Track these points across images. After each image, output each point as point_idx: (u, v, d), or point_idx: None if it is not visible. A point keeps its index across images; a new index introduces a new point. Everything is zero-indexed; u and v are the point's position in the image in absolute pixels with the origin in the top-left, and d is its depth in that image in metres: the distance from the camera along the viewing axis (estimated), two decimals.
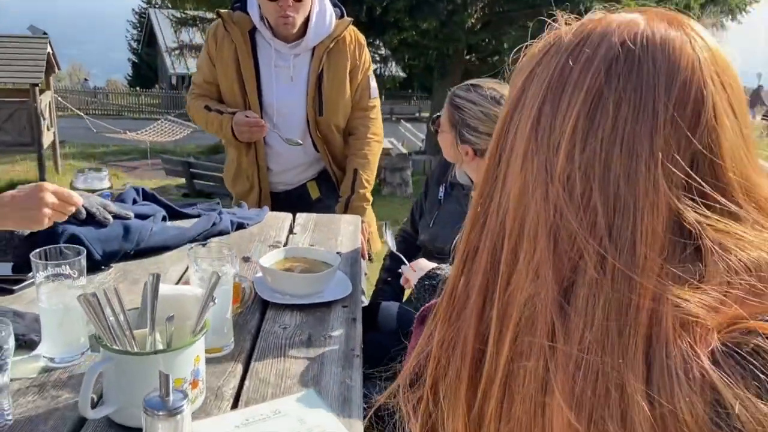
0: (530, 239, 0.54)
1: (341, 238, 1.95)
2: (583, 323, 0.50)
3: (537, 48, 0.60)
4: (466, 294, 0.60)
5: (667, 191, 0.50)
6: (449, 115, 1.67)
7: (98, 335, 1.00)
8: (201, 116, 2.33)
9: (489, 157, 0.61)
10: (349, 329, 1.37)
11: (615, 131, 0.51)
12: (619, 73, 0.52)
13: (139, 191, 1.97)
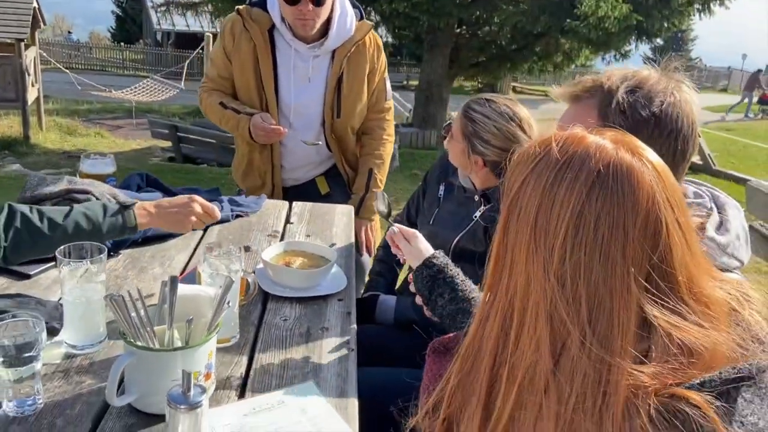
0: (533, 319, 0.72)
1: (335, 229, 2.06)
2: (569, 388, 0.69)
3: (527, 153, 0.78)
4: (480, 351, 0.79)
5: (636, 291, 0.68)
6: (462, 126, 1.72)
7: (122, 331, 1.11)
8: (215, 112, 2.33)
9: (497, 241, 0.79)
10: (344, 323, 1.49)
11: (595, 242, 0.69)
12: (596, 196, 0.70)
13: (143, 177, 2.06)
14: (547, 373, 0.70)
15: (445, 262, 1.40)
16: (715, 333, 0.70)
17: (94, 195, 1.70)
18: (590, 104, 1.20)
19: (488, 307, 0.79)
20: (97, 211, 1.43)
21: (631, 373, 0.66)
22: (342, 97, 2.29)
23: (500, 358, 0.76)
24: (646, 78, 1.18)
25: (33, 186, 1.70)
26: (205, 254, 1.41)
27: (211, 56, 2.40)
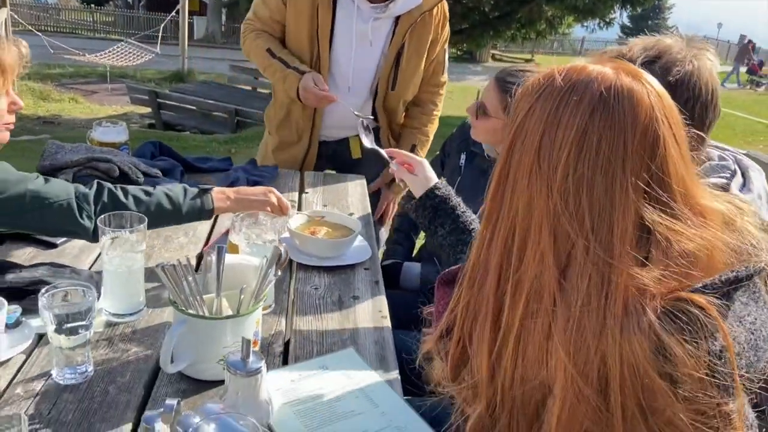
0: (536, 234, 0.78)
1: (351, 199, 2.08)
2: (575, 293, 0.75)
3: (532, 85, 0.83)
4: (486, 270, 0.84)
5: (634, 199, 0.74)
6: (501, 101, 1.67)
7: (173, 300, 1.12)
8: (260, 57, 2.19)
9: (499, 167, 0.85)
10: (373, 291, 1.52)
11: (597, 157, 0.75)
12: (599, 116, 0.76)
13: (156, 145, 2.04)
14: (553, 281, 0.76)
15: (447, 193, 1.40)
16: (712, 238, 0.76)
17: (115, 163, 1.68)
18: None
19: (491, 228, 0.84)
20: (178, 192, 1.44)
21: (631, 274, 0.73)
22: (400, 70, 2.17)
23: (505, 275, 0.81)
24: (667, 47, 1.22)
25: (51, 154, 1.68)
26: (239, 224, 1.42)
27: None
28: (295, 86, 2.08)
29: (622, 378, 0.72)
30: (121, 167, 1.69)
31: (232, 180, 1.94)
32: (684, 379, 0.70)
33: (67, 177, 1.62)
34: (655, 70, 1.17)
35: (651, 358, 0.70)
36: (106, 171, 1.67)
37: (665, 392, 0.71)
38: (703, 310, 0.71)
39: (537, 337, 0.78)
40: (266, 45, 2.17)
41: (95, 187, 1.37)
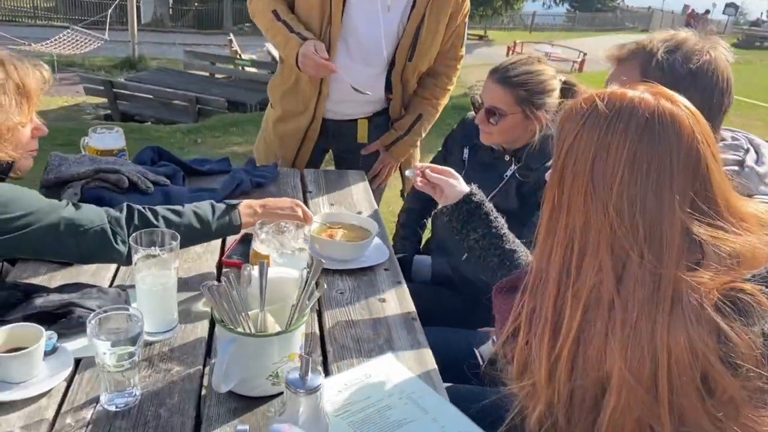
0: (594, 248, 0.87)
1: (356, 197, 2.08)
2: (632, 299, 0.84)
3: (575, 110, 0.91)
4: (546, 281, 0.94)
5: (681, 215, 0.84)
6: (511, 97, 1.70)
7: (221, 318, 1.12)
8: (264, 20, 2.11)
9: (552, 188, 0.94)
10: (398, 292, 1.53)
11: (648, 178, 0.84)
12: (647, 140, 0.85)
13: (155, 150, 2.00)
14: (611, 289, 0.86)
15: (482, 199, 1.44)
16: (754, 239, 0.87)
17: (123, 174, 1.64)
18: (633, 64, 1.33)
19: (550, 242, 0.93)
20: (206, 210, 1.43)
21: (680, 278, 0.83)
22: (419, 41, 2.10)
23: (564, 285, 0.90)
24: (685, 39, 1.31)
25: (55, 167, 1.63)
26: (266, 233, 1.41)
27: None
28: (295, 52, 2.01)
29: (670, 371, 0.82)
30: (130, 177, 1.64)
31: (237, 183, 1.92)
32: (742, 357, 0.80)
33: (75, 190, 1.57)
34: (677, 58, 1.28)
35: (712, 345, 0.81)
36: (116, 183, 1.62)
37: (724, 375, 0.80)
38: (754, 297, 0.81)
39: (595, 341, 0.88)
40: (272, 6, 2.09)
41: (125, 211, 1.35)
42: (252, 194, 1.98)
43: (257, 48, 18.20)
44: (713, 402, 0.82)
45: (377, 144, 2.36)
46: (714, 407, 0.82)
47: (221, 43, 19.03)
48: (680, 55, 1.28)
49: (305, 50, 1.97)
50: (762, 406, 0.81)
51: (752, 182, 1.26)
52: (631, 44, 1.37)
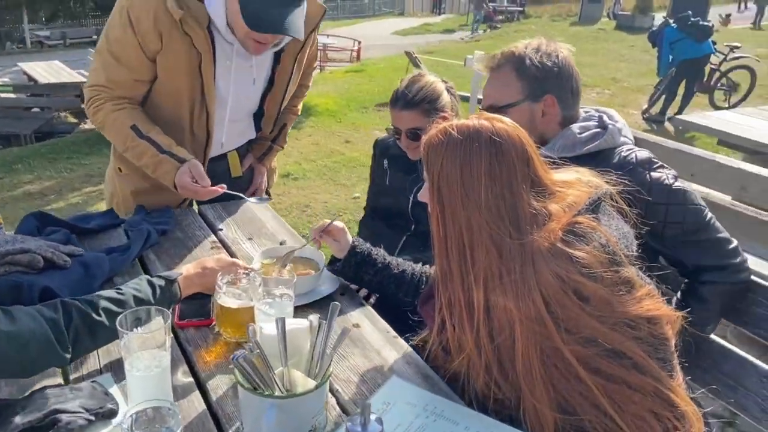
0: (479, 237, 1.14)
1: (269, 225, 2.02)
2: (512, 264, 1.12)
3: (436, 140, 1.19)
4: (450, 272, 1.19)
5: (527, 198, 1.15)
6: (420, 113, 1.94)
7: (254, 386, 1.06)
8: (122, 135, 1.86)
9: (433, 200, 1.20)
10: (366, 313, 1.55)
11: (502, 178, 1.14)
12: (495, 152, 1.15)
13: (37, 216, 1.75)
14: (498, 264, 1.13)
15: (365, 248, 1.64)
16: (573, 190, 1.20)
17: (35, 252, 1.43)
18: (507, 68, 1.63)
19: (444, 243, 1.19)
20: (147, 292, 1.34)
21: (536, 239, 1.11)
22: (287, 91, 2.12)
23: (465, 273, 1.16)
24: (540, 43, 1.64)
25: None
26: (234, 286, 1.35)
27: (114, 53, 1.83)
28: (172, 176, 1.83)
29: (546, 301, 1.09)
30: (44, 255, 1.43)
31: (145, 236, 1.76)
32: (593, 266, 1.10)
33: None
34: (543, 55, 1.60)
35: (570, 267, 1.09)
36: (29, 264, 1.40)
37: (588, 284, 1.09)
38: (585, 223, 1.14)
39: (498, 304, 1.14)
40: (130, 120, 1.86)
41: (61, 310, 1.20)
42: (162, 244, 1.84)
43: (4, 69, 16.08)
44: (591, 307, 1.10)
45: (249, 158, 2.32)
46: (593, 309, 1.10)
47: None
48: (544, 54, 1.60)
49: (183, 183, 1.82)
50: (624, 294, 1.12)
51: (615, 136, 1.59)
52: (498, 53, 1.66)
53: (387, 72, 12.52)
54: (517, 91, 1.61)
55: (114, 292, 1.31)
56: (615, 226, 1.24)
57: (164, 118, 1.94)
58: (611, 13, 22.84)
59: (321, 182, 6.28)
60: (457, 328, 1.20)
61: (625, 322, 1.12)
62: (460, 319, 1.19)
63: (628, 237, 1.26)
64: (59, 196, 6.02)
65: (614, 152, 1.56)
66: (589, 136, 1.58)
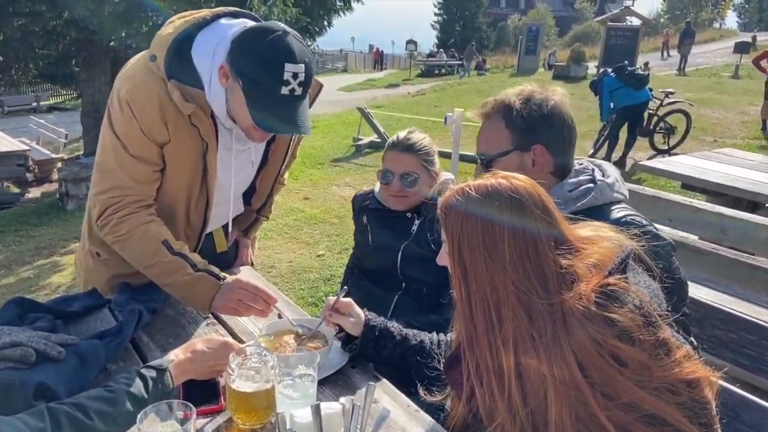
0: (505, 300, 1.10)
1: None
2: (542, 325, 1.08)
3: (453, 201, 1.16)
4: (477, 337, 1.14)
5: (552, 255, 1.12)
6: (417, 160, 1.98)
7: None
8: (149, 250, 1.71)
9: (454, 264, 1.16)
10: (383, 387, 1.47)
11: (525, 237, 1.11)
12: (516, 210, 1.12)
13: (18, 303, 1.63)
14: (527, 326, 1.09)
15: (379, 322, 1.60)
16: (597, 248, 1.16)
17: (24, 345, 1.32)
18: (497, 117, 1.63)
19: (468, 307, 1.15)
20: (139, 387, 1.25)
21: (565, 299, 1.07)
22: (282, 167, 2.07)
23: (492, 336, 1.12)
24: (532, 90, 1.62)
25: None
26: (252, 368, 1.27)
27: (128, 148, 1.70)
28: (211, 295, 1.68)
29: (581, 365, 1.05)
30: (36, 347, 1.32)
31: (137, 317, 1.66)
32: (630, 330, 1.05)
33: None
34: (533, 105, 1.58)
35: (607, 331, 1.05)
36: (21, 359, 1.28)
37: (626, 348, 1.05)
38: (617, 284, 1.10)
39: (531, 368, 1.09)
40: (161, 235, 1.72)
41: (48, 418, 1.10)
42: (154, 324, 1.74)
43: None
44: (629, 371, 1.05)
45: (234, 232, 2.24)
46: (632, 374, 1.05)
47: None
48: (534, 103, 1.58)
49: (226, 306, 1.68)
50: (662, 357, 1.07)
51: (606, 192, 1.57)
52: (490, 101, 1.64)
53: (338, 127, 12.65)
54: (506, 141, 1.60)
55: (104, 390, 1.22)
56: (644, 284, 1.20)
57: (158, 210, 1.81)
58: (546, 64, 23.93)
59: (283, 241, 6.19)
60: (488, 396, 1.15)
61: (665, 387, 1.07)
62: (490, 386, 1.14)
63: (659, 295, 1.23)
64: (9, 271, 5.72)
65: (608, 210, 1.54)
66: (580, 193, 1.56)
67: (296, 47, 1.57)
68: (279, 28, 1.58)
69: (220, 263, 1.96)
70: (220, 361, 1.38)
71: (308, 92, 1.65)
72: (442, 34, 44.64)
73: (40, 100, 22.13)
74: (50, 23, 8.25)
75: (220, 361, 1.38)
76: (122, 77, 1.72)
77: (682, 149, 8.96)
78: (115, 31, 8.50)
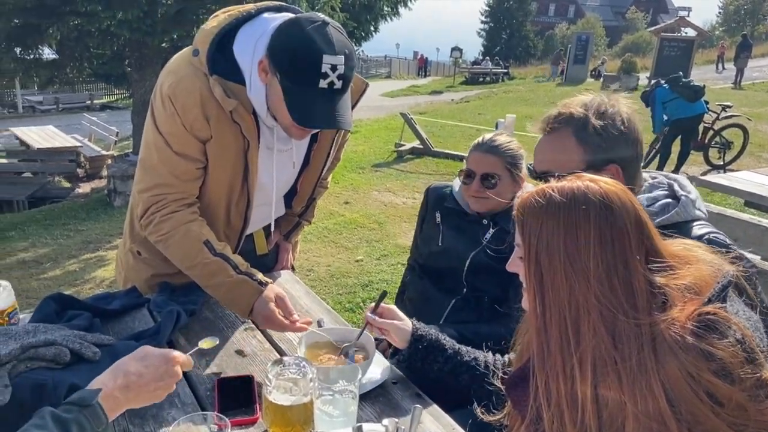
0: (585, 315, 0.98)
1: (303, 302, 1.89)
2: (628, 349, 0.95)
3: (532, 203, 1.03)
4: (549, 354, 1.01)
5: (642, 271, 0.99)
6: (501, 162, 1.93)
7: None
8: (192, 251, 1.66)
9: (529, 271, 1.03)
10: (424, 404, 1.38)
11: (614, 248, 0.98)
12: (606, 216, 0.99)
13: (55, 299, 1.61)
14: (610, 347, 0.96)
15: (427, 331, 1.51)
16: (693, 269, 1.03)
17: (59, 344, 1.28)
18: (565, 132, 1.46)
19: (542, 320, 1.02)
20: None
21: (656, 322, 0.96)
22: (324, 169, 2.00)
23: (567, 354, 0.99)
24: (601, 103, 1.47)
25: None
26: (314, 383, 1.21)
27: (173, 146, 1.66)
28: (252, 300, 1.62)
29: (669, 400, 0.93)
30: (71, 347, 1.29)
31: (175, 318, 1.62)
32: (731, 367, 0.93)
33: (4, 381, 1.18)
34: (608, 121, 1.43)
35: (703, 365, 0.93)
36: (55, 358, 1.25)
37: (723, 386, 0.92)
38: (718, 314, 0.96)
39: (611, 394, 0.97)
40: (203, 235, 1.68)
41: None
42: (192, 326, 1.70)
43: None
44: (726, 411, 0.93)
45: (276, 235, 2.19)
46: (728, 415, 0.93)
47: None
48: (608, 117, 1.43)
49: (266, 313, 1.59)
50: (763, 399, 0.94)
51: (688, 209, 1.44)
52: (553, 113, 1.49)
53: (381, 132, 12.61)
54: (577, 159, 1.44)
55: None
56: (744, 315, 1.06)
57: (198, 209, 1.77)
58: (596, 73, 23.48)
59: (322, 245, 6.16)
60: (556, 420, 1.02)
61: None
62: (560, 409, 1.02)
63: (759, 328, 1.08)
64: (55, 263, 5.85)
65: (689, 227, 1.42)
66: (658, 208, 1.44)
67: (335, 38, 1.49)
68: (318, 18, 1.51)
69: (260, 266, 1.91)
70: (163, 381, 1.11)
71: (349, 86, 1.57)
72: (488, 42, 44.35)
73: (94, 98, 22.84)
74: (105, 23, 8.43)
75: (162, 382, 1.11)
76: (165, 72, 1.69)
77: (738, 165, 8.63)
78: (167, 32, 8.66)
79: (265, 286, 1.65)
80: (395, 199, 7.67)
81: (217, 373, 1.49)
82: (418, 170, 9.42)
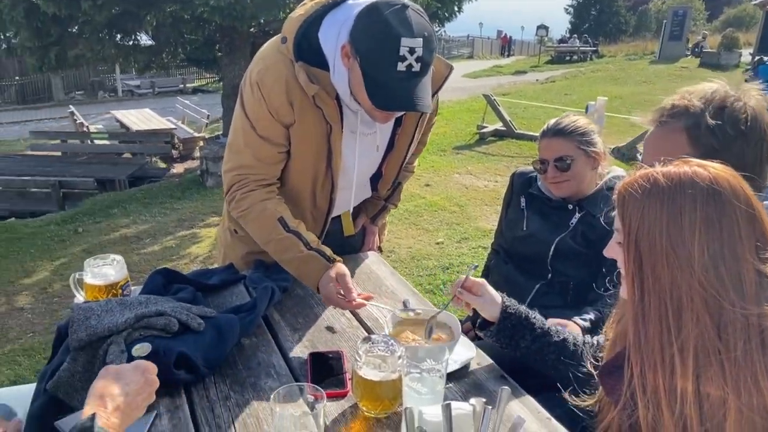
0: (689, 303, 0.95)
1: (388, 283, 1.94)
2: (732, 341, 0.93)
3: (636, 186, 1.01)
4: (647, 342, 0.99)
5: (752, 260, 0.95)
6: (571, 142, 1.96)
7: None
8: (267, 227, 1.75)
9: (628, 256, 1.02)
10: (516, 392, 1.40)
11: (722, 235, 0.95)
12: (714, 203, 0.96)
13: (162, 273, 1.73)
14: (714, 338, 0.94)
15: (517, 308, 1.49)
16: None
17: (169, 315, 1.39)
18: (677, 127, 1.35)
19: (640, 307, 1.00)
20: None
21: (764, 314, 0.92)
22: (408, 153, 2.03)
23: (667, 343, 0.97)
24: (724, 97, 1.33)
25: (81, 320, 1.34)
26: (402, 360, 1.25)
27: (258, 130, 1.74)
28: (319, 275, 1.68)
29: None
30: (179, 318, 1.39)
31: (270, 294, 1.70)
32: None
33: (120, 347, 1.30)
34: (726, 120, 1.31)
35: None
36: (165, 327, 1.36)
37: None
38: None
39: (713, 384, 0.94)
40: (278, 212, 1.76)
41: None
42: (285, 302, 1.79)
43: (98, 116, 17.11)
44: None
45: (362, 218, 2.25)
46: None
47: (55, 116, 17.65)
48: (727, 116, 1.31)
49: (328, 292, 1.66)
50: None
51: None
52: (667, 104, 1.39)
53: (462, 114, 12.50)
54: None
55: None
56: None
57: (286, 191, 1.87)
58: (693, 50, 22.17)
59: (403, 227, 6.22)
60: (653, 409, 1.00)
61: None
62: (657, 398, 0.99)
63: None
64: (154, 240, 6.22)
65: None
66: None
67: (414, 21, 1.50)
68: (398, 2, 1.53)
69: (347, 247, 1.98)
70: (146, 392, 1.10)
71: (429, 69, 1.58)
72: (576, 19, 42.68)
73: (186, 82, 23.85)
74: (198, 10, 8.78)
75: (145, 393, 1.10)
76: (255, 59, 1.77)
77: None
78: (254, 17, 8.90)
79: (334, 263, 1.70)
80: (476, 181, 7.62)
81: (309, 348, 1.56)
82: (501, 153, 9.30)
